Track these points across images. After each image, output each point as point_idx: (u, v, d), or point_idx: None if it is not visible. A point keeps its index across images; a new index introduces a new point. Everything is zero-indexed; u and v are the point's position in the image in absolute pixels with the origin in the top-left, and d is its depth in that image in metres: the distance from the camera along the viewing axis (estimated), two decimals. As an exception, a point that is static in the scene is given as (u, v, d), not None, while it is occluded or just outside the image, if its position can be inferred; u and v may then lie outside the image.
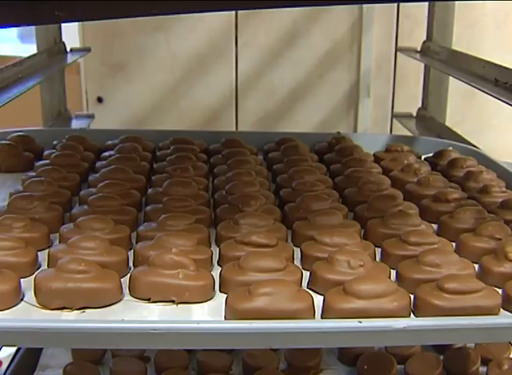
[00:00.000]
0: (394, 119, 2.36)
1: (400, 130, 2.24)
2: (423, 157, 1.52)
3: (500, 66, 1.51)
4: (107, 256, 0.93)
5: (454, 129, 1.92)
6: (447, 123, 2.06)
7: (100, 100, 2.59)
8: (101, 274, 0.87)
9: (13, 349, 1.51)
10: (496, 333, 0.83)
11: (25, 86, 1.51)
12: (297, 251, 1.01)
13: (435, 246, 1.00)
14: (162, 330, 0.77)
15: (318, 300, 0.86)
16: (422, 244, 1.00)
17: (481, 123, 2.54)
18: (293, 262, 0.99)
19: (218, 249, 1.01)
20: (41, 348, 1.50)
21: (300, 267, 0.96)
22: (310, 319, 0.83)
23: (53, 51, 1.99)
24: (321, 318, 0.84)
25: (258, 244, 0.96)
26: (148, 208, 1.14)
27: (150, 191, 1.22)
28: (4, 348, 1.55)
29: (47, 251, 0.98)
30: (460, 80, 1.64)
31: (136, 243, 1.02)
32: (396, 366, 1.41)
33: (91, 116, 2.18)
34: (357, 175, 1.31)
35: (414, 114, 2.19)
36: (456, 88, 2.17)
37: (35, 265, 0.95)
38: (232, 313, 0.82)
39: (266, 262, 0.90)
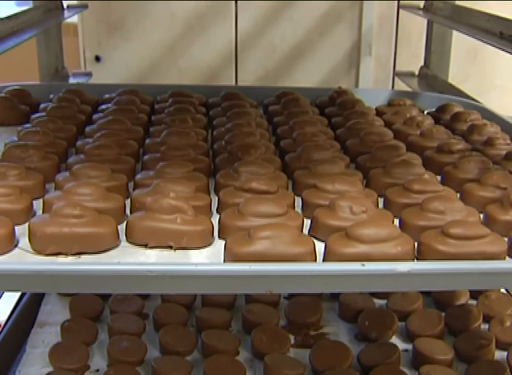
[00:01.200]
0: (396, 79, 2.33)
1: (402, 89, 2.21)
2: (425, 112, 1.50)
3: (505, 19, 1.47)
4: (103, 202, 0.91)
5: (457, 88, 1.89)
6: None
7: (98, 59, 2.55)
8: (97, 219, 0.85)
9: (11, 308, 1.50)
10: (502, 279, 0.80)
11: (20, 38, 1.48)
12: (298, 201, 0.99)
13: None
14: (159, 273, 0.74)
15: (320, 247, 0.84)
16: (426, 192, 0.97)
17: (485, 83, 2.50)
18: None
19: (217, 198, 0.98)
20: (39, 306, 1.48)
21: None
22: (311, 263, 0.80)
23: (49, 8, 1.95)
24: (323, 263, 0.82)
25: (258, 190, 0.94)
26: (146, 157, 1.11)
27: (148, 141, 1.20)
28: (2, 310, 1.53)
29: (42, 199, 0.96)
30: (464, 33, 1.61)
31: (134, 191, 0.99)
32: (397, 323, 1.40)
33: (89, 74, 2.15)
34: (359, 127, 1.29)
35: (417, 73, 2.15)
36: (459, 48, 2.14)
37: (30, 212, 0.93)
38: (231, 257, 0.80)
39: (266, 207, 0.88)
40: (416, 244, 0.85)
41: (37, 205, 0.95)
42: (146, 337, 1.37)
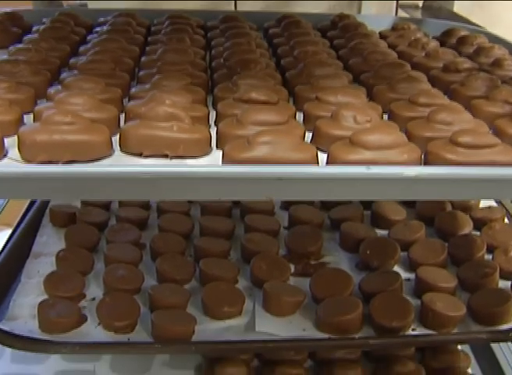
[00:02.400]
0: (399, 11, 2.27)
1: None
2: (430, 37, 1.45)
3: None
4: (96, 113, 0.87)
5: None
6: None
7: (93, -7, 2.49)
8: (89, 127, 0.81)
9: (5, 240, 1.47)
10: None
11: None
12: (299, 117, 0.95)
13: (447, 108, 0.94)
14: (154, 175, 0.71)
15: (322, 158, 0.80)
16: (432, 105, 0.93)
17: (491, 18, 2.45)
18: (295, 123, 0.92)
19: (215, 112, 0.94)
20: (34, 237, 1.45)
21: (303, 129, 0.90)
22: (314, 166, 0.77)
23: None
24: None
25: (258, 100, 0.90)
26: (141, 72, 1.07)
27: (143, 58, 1.16)
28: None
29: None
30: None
31: (128, 103, 0.95)
32: (399, 252, 1.37)
33: (84, 5, 2.09)
34: (362, 47, 1.24)
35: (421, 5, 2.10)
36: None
37: (19, 124, 0.88)
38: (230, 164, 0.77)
39: (266, 115, 0.84)
40: (423, 156, 0.81)
41: (28, 119, 0.92)
42: (143, 267, 1.35)
